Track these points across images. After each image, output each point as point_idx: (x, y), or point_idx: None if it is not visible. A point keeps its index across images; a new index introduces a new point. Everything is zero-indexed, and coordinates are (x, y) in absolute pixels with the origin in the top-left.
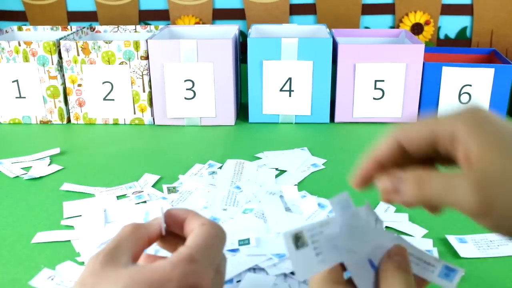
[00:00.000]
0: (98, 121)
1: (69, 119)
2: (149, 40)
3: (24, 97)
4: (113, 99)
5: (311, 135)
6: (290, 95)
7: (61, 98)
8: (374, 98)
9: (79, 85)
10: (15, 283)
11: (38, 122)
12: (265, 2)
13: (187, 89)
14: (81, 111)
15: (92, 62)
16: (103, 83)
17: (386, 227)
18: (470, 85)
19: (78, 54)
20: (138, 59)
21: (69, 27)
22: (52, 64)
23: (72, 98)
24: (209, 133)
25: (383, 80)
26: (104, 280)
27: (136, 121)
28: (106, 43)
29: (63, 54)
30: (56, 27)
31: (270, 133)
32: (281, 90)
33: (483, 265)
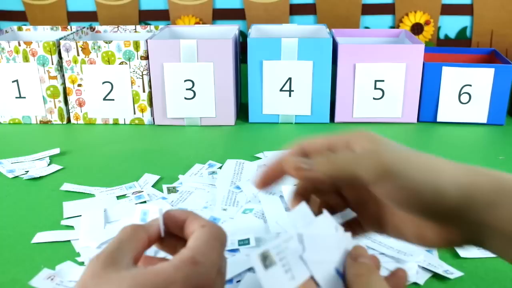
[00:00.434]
0: (98, 121)
1: (69, 119)
2: (149, 40)
3: (24, 97)
4: (113, 99)
5: (311, 135)
6: (290, 95)
7: (61, 98)
8: (374, 98)
9: (79, 85)
10: (15, 283)
11: (38, 122)
12: (265, 2)
13: (187, 89)
14: (81, 111)
15: (92, 62)
16: (103, 83)
17: None
18: (470, 85)
19: (78, 54)
20: (138, 59)
21: (69, 27)
22: (52, 64)
23: (72, 98)
24: (209, 133)
25: (383, 80)
26: (107, 282)
27: (136, 121)
28: (106, 43)
29: (63, 54)
30: (56, 27)
31: (270, 133)
32: (281, 90)
33: (483, 265)
